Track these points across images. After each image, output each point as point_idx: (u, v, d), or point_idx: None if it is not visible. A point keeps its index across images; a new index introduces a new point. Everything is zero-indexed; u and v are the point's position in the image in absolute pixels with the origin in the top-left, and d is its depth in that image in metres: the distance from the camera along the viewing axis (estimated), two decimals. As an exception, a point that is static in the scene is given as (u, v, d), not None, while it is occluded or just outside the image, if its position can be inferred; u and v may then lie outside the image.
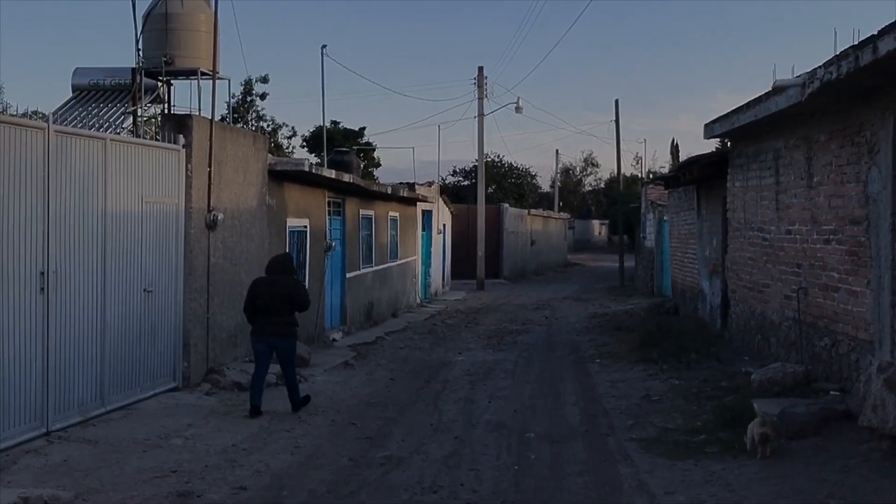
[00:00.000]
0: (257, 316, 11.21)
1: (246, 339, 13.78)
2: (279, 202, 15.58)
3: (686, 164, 16.54)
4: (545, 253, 55.20)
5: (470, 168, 59.84)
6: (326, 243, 18.22)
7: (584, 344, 18.80)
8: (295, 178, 16.14)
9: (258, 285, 11.37)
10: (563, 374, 14.64)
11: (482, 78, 39.77)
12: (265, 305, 11.11)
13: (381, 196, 22.84)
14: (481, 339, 20.14)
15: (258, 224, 14.56)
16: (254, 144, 14.36)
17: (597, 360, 16.14)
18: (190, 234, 12.33)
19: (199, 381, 12.50)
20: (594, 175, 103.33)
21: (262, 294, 11.16)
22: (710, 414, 10.51)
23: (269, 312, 11.12)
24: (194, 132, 12.36)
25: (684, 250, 22.23)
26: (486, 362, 16.19)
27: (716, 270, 18.20)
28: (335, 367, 15.10)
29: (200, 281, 12.60)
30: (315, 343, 17.40)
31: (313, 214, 17.46)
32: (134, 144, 11.36)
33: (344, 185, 18.75)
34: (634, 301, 29.34)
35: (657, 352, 15.50)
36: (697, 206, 19.96)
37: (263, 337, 11.16)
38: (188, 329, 12.32)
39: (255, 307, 11.20)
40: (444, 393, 12.99)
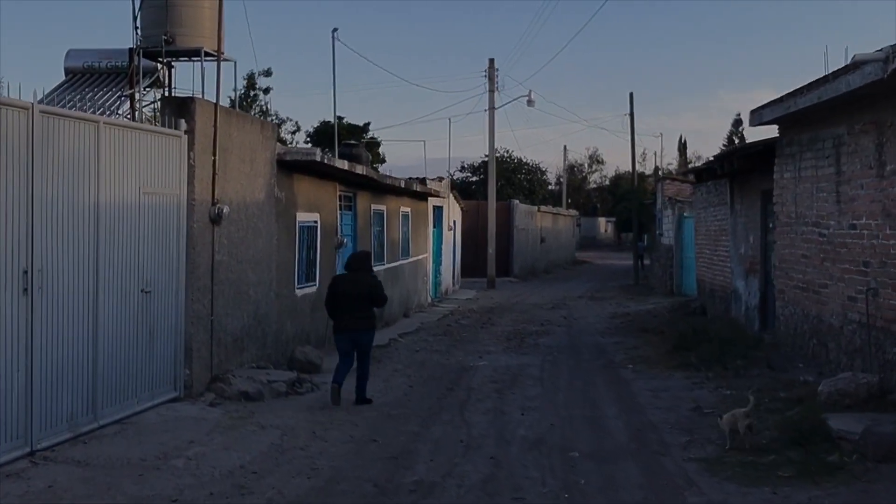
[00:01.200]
0: (338, 312, 11.65)
1: (252, 344, 12.72)
2: (288, 195, 14.47)
3: (724, 154, 15.42)
4: (554, 251, 54.11)
5: (479, 164, 58.72)
6: (338, 240, 17.12)
7: (610, 347, 17.67)
8: (305, 170, 15.03)
9: (340, 283, 11.85)
10: (595, 381, 13.51)
11: (493, 70, 38.65)
12: (348, 302, 11.53)
13: (394, 190, 21.72)
14: (500, 341, 19.02)
15: (266, 218, 13.45)
16: (261, 132, 13.23)
17: (629, 365, 15.01)
18: (192, 228, 11.21)
19: (202, 390, 11.39)
20: (599, 172, 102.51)
21: (345, 291, 11.60)
22: (774, 430, 9.38)
23: (352, 309, 11.53)
24: (197, 117, 11.24)
25: (714, 248, 21.09)
26: (509, 367, 15.06)
27: (753, 269, 17.08)
28: (349, 373, 13.95)
29: (204, 280, 11.49)
30: (326, 346, 16.27)
31: (324, 209, 16.35)
32: (130, 129, 10.24)
33: (356, 178, 17.64)
34: (654, 300, 28.22)
35: (695, 356, 14.40)
36: (731, 200, 18.82)
37: (346, 333, 11.60)
38: (190, 333, 11.21)
39: (337, 304, 11.63)
40: (470, 402, 11.86)
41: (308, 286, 15.53)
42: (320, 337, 16.10)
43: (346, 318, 11.57)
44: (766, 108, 12.94)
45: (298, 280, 15.01)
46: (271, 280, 13.67)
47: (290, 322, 14.62)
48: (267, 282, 13.51)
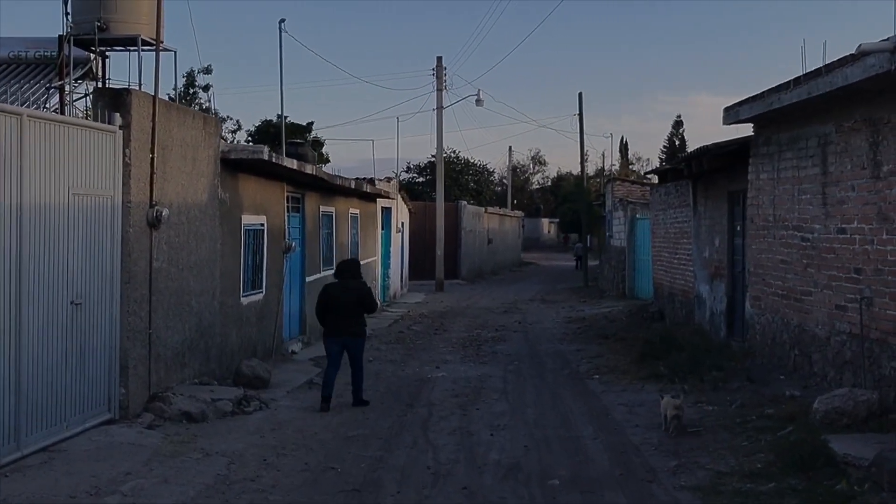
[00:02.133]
0: (330, 318, 11.81)
1: (194, 359, 11.74)
2: (233, 197, 13.45)
3: (694, 154, 14.73)
4: (501, 252, 53.50)
5: (425, 164, 57.91)
6: (286, 244, 16.12)
7: (572, 355, 16.90)
8: (251, 169, 14.02)
9: (331, 289, 11.95)
10: (563, 395, 12.71)
11: (441, 69, 37.85)
12: (340, 308, 11.74)
13: (343, 191, 20.75)
14: (456, 348, 18.17)
15: (209, 222, 12.43)
16: (204, 128, 12.21)
17: (595, 375, 14.25)
18: (128, 233, 10.18)
19: (139, 410, 10.35)
20: (542, 173, 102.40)
21: (337, 298, 11.78)
22: (769, 452, 8.64)
23: (344, 315, 11.73)
24: (133, 110, 10.21)
25: (673, 250, 20.47)
26: (470, 379, 14.21)
27: (718, 273, 16.44)
28: (299, 388, 13.02)
29: (141, 290, 10.45)
30: (273, 357, 15.29)
31: (271, 211, 15.35)
32: (58, 123, 9.18)
33: (305, 179, 16.66)
34: (607, 304, 27.60)
35: (665, 366, 13.66)
36: (694, 202, 18.19)
37: (338, 338, 11.76)
38: (126, 348, 10.17)
39: (328, 310, 11.81)
40: (433, 421, 10.98)
41: (254, 294, 14.52)
42: (267, 349, 15.10)
43: (339, 324, 11.78)
44: (743, 105, 12.25)
45: (244, 287, 14.00)
46: (215, 288, 12.66)
47: (236, 333, 13.61)
48: (210, 290, 12.49)
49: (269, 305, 15.21)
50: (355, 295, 11.85)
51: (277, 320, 15.63)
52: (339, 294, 11.84)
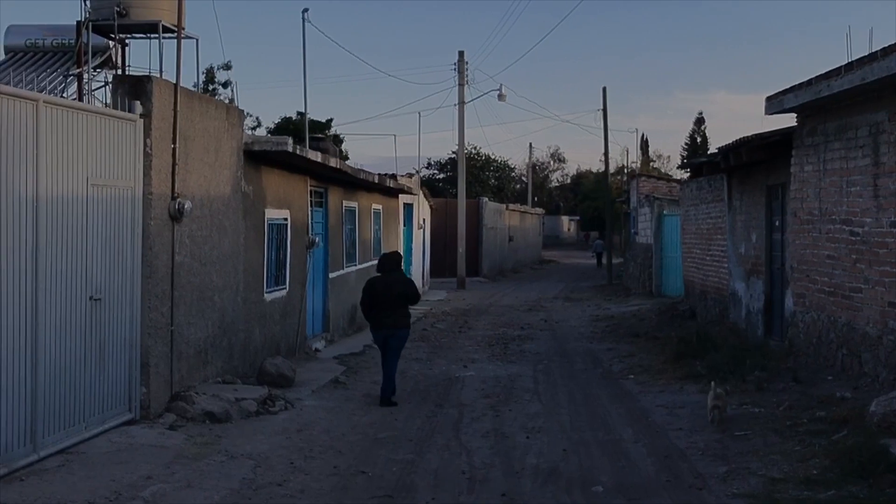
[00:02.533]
0: (375, 312, 11.95)
1: (217, 356, 11.36)
2: (256, 190, 13.05)
3: (733, 146, 14.20)
4: (522, 250, 52.98)
5: (446, 160, 57.51)
6: (309, 239, 15.72)
7: (603, 354, 16.44)
8: (274, 162, 13.62)
9: (376, 283, 12.05)
10: (599, 396, 12.24)
11: (463, 63, 37.35)
12: (384, 301, 11.85)
13: (366, 186, 20.33)
14: (482, 347, 17.73)
15: (232, 215, 12.04)
16: (227, 118, 11.80)
17: (630, 375, 13.77)
18: (149, 226, 9.78)
19: (160, 410, 9.96)
20: (561, 170, 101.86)
21: (381, 291, 11.91)
22: (824, 457, 8.15)
23: (388, 307, 11.85)
24: (155, 98, 9.81)
25: (706, 247, 19.94)
26: (500, 378, 13.77)
27: (755, 270, 15.92)
28: (325, 387, 12.60)
29: (162, 285, 10.06)
30: (297, 354, 14.90)
31: (294, 205, 14.94)
32: (76, 110, 8.78)
33: (328, 172, 16.26)
34: (635, 302, 27.06)
35: (703, 366, 13.17)
36: (728, 197, 17.66)
37: (384, 330, 11.93)
38: (147, 346, 9.78)
39: (373, 303, 11.94)
40: (465, 422, 10.54)
41: (278, 290, 14.12)
42: (291, 346, 14.70)
43: (383, 317, 11.91)
44: (788, 94, 11.73)
45: (267, 283, 13.60)
46: (238, 284, 12.27)
47: (259, 330, 13.21)
48: (233, 286, 12.10)
49: (292, 302, 14.81)
50: (399, 288, 11.98)
51: (301, 317, 15.23)
52: (383, 287, 11.96)
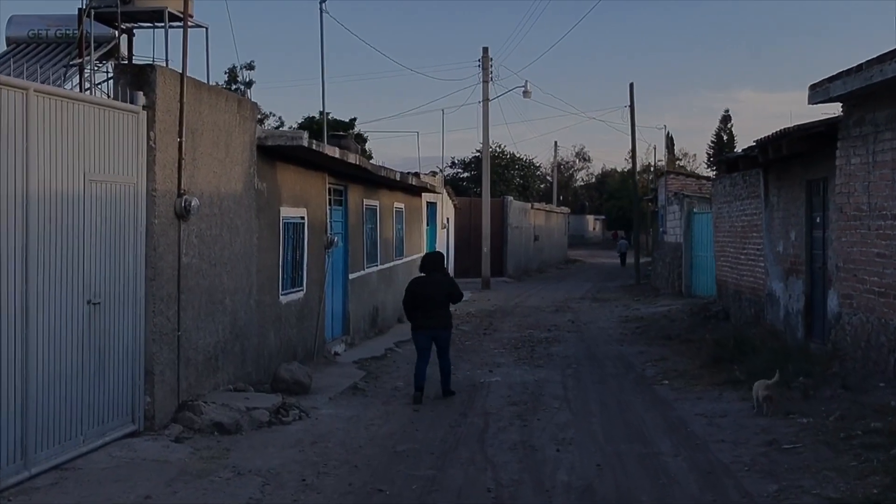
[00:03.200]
0: (417, 312, 12.04)
1: (228, 362, 10.75)
2: (271, 187, 12.45)
3: (771, 138, 13.44)
4: (547, 249, 52.25)
5: (470, 159, 56.86)
6: (328, 238, 15.10)
7: (635, 357, 15.72)
8: (290, 158, 13.01)
9: (419, 283, 12.15)
10: (632, 403, 11.54)
11: (487, 60, 36.68)
12: (428, 302, 11.95)
13: (387, 184, 19.71)
14: (508, 350, 17.05)
15: (245, 213, 11.43)
16: (238, 111, 11.19)
17: (664, 381, 13.05)
18: (153, 224, 9.18)
19: (166, 421, 9.35)
20: (586, 170, 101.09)
21: (425, 291, 12.00)
22: (884, 475, 7.42)
23: (433, 307, 11.95)
24: (159, 89, 9.21)
25: (740, 245, 19.16)
26: (526, 384, 13.09)
27: (795, 269, 15.16)
28: (342, 394, 11.96)
29: (168, 287, 9.45)
30: (315, 359, 14.28)
31: (312, 203, 14.33)
32: (72, 100, 8.19)
33: (347, 169, 15.64)
34: (664, 303, 26.29)
35: (742, 371, 12.45)
36: (765, 192, 16.89)
37: (427, 331, 12.00)
38: (151, 352, 9.18)
39: (416, 304, 12.01)
40: (490, 433, 9.87)
41: (294, 292, 13.50)
42: (309, 350, 14.09)
43: (427, 318, 11.99)
44: (835, 81, 10.97)
45: (283, 285, 12.99)
46: (251, 286, 11.66)
47: (274, 334, 12.60)
48: (246, 288, 11.49)
49: (309, 304, 14.20)
50: (443, 288, 12.12)
51: (319, 320, 14.61)
52: (427, 288, 12.05)
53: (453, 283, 12.42)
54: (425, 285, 12.07)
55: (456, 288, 12.31)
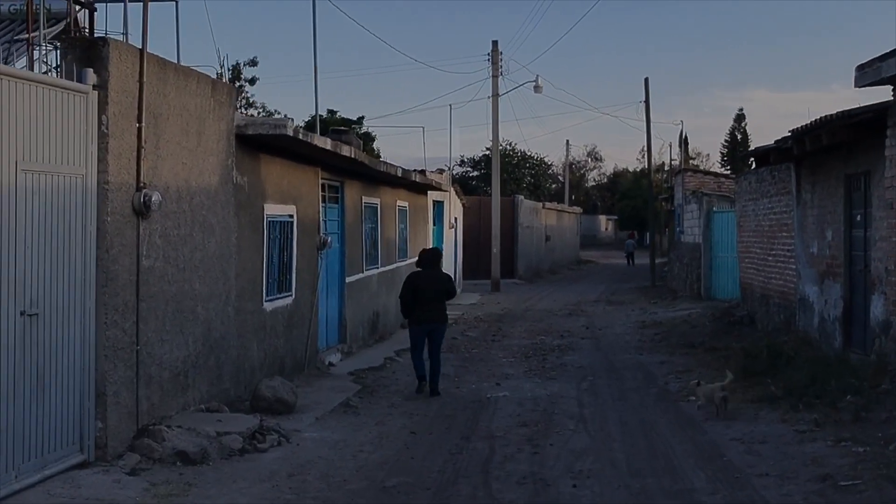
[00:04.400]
0: (416, 308, 12.25)
1: (201, 379, 9.51)
2: (253, 181, 11.20)
3: (810, 128, 12.09)
4: (559, 250, 50.92)
5: (480, 157, 55.59)
6: (320, 238, 13.85)
7: (656, 368, 14.42)
8: (276, 150, 11.77)
9: (417, 278, 12.41)
10: (657, 424, 10.24)
11: (497, 54, 35.40)
12: (426, 296, 12.21)
13: (389, 180, 18.46)
14: (518, 358, 15.79)
15: (221, 210, 10.18)
16: (213, 95, 9.95)
17: (691, 397, 11.72)
18: (106, 223, 7.94)
19: (121, 449, 8.10)
20: (598, 169, 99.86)
21: (423, 286, 12.25)
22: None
23: (430, 301, 12.22)
24: (113, 66, 7.97)
25: (767, 246, 17.83)
26: (538, 400, 11.82)
27: (831, 272, 13.84)
28: (331, 413, 10.70)
29: (124, 295, 8.21)
30: (306, 371, 13.04)
31: (302, 200, 13.08)
32: (2, 77, 6.95)
33: (343, 163, 14.39)
34: (683, 306, 24.93)
35: (778, 387, 11.16)
36: (796, 189, 15.58)
37: (424, 325, 12.26)
38: (104, 370, 7.93)
39: (415, 299, 12.22)
40: (496, 462, 8.59)
41: (281, 297, 12.25)
42: (298, 362, 12.84)
43: (425, 312, 12.23)
44: (888, 59, 9.66)
45: (268, 290, 11.73)
46: (229, 291, 10.41)
47: (257, 345, 11.36)
48: (223, 294, 10.24)
49: (299, 310, 12.95)
50: (440, 284, 12.42)
51: (311, 328, 13.36)
52: (425, 283, 12.29)
53: (449, 279, 12.85)
54: (424, 280, 12.32)
55: (452, 284, 12.80)
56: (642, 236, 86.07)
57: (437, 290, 12.29)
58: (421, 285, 12.26)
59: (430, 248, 13.84)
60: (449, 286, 12.58)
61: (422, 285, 12.25)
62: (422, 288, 12.23)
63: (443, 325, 12.43)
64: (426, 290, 12.22)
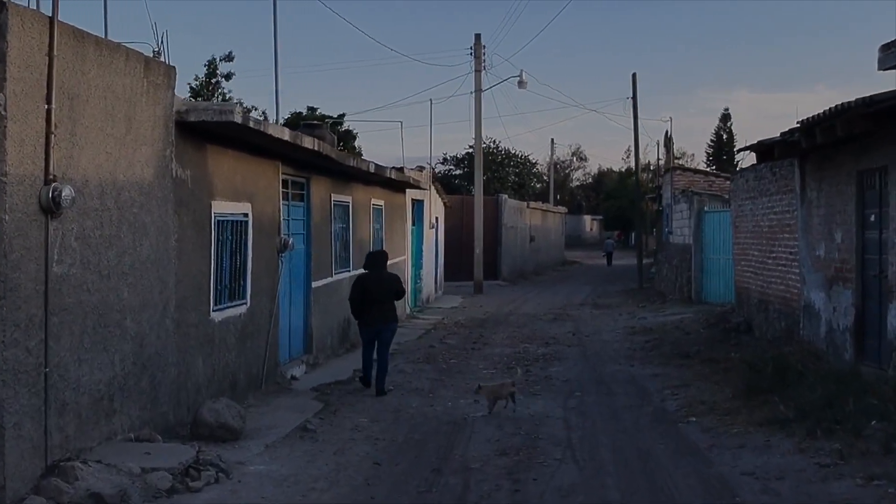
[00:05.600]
0: (365, 309, 12.38)
1: (130, 403, 8.23)
2: (198, 176, 9.90)
3: (823, 117, 10.85)
4: (544, 250, 49.73)
5: (462, 155, 54.32)
6: (281, 239, 12.57)
7: (649, 382, 13.19)
8: (227, 140, 10.48)
9: (366, 280, 12.53)
10: (655, 452, 8.98)
11: (480, 48, 34.16)
12: (376, 297, 12.35)
13: (362, 177, 17.19)
14: (499, 370, 14.55)
15: (157, 208, 8.89)
16: (146, 75, 8.65)
17: (691, 417, 10.51)
18: (3, 222, 6.63)
19: (24, 491, 6.80)
20: (582, 169, 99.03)
21: (373, 287, 12.39)
22: None
23: (380, 302, 12.37)
24: (13, 36, 6.67)
25: (767, 248, 16.63)
26: (520, 422, 10.56)
27: (841, 277, 12.65)
28: (285, 440, 9.40)
29: (29, 308, 6.90)
30: (263, 386, 11.77)
31: (260, 197, 11.79)
32: None
33: (308, 157, 13.11)
34: (674, 311, 23.69)
35: (789, 406, 9.95)
36: (801, 186, 14.39)
37: (374, 326, 12.40)
38: (2, 399, 6.62)
39: (364, 300, 12.35)
40: (471, 501, 7.34)
41: (233, 305, 10.96)
42: (255, 377, 11.57)
43: (374, 313, 12.38)
44: (921, 36, 8.48)
45: (217, 298, 10.43)
46: (167, 300, 9.11)
47: (203, 361, 10.05)
48: (159, 304, 8.94)
49: (256, 320, 11.67)
50: (388, 285, 12.57)
51: (270, 338, 12.08)
52: (374, 285, 12.43)
53: (399, 280, 12.93)
54: (372, 282, 12.45)
55: (401, 285, 12.89)
56: (627, 236, 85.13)
57: (386, 290, 12.46)
58: (369, 287, 12.39)
59: (376, 250, 13.98)
60: (397, 287, 12.69)
61: (370, 287, 12.39)
62: (370, 289, 12.37)
63: (392, 324, 12.61)
64: (374, 291, 12.37)
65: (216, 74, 38.92)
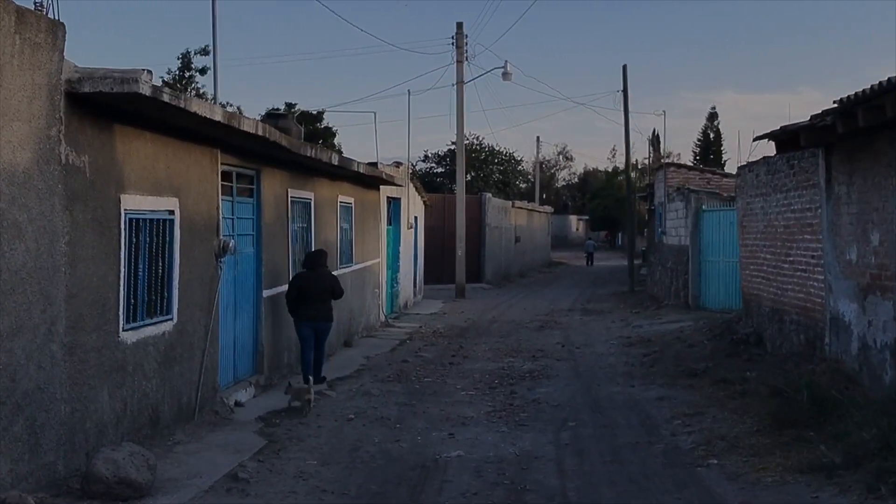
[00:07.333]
0: (303, 306, 12.59)
1: (-11, 458, 6.17)
2: (101, 163, 7.94)
3: (867, 97, 8.98)
4: (529, 251, 47.86)
5: (444, 153, 52.36)
6: (220, 242, 10.62)
7: (655, 408, 11.30)
8: (143, 121, 8.52)
9: (304, 278, 12.75)
10: (673, 512, 7.10)
11: (462, 37, 32.26)
12: (313, 295, 12.64)
13: (327, 171, 15.25)
14: (479, 392, 12.67)
15: (37, 203, 6.93)
16: (17, 31, 6.69)
17: (711, 459, 8.60)
18: None
19: None
20: (568, 169, 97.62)
21: (310, 286, 12.66)
22: None
23: (317, 301, 12.67)
24: None
25: (782, 250, 14.74)
26: (503, 461, 8.66)
27: (878, 285, 10.79)
28: (206, 495, 7.45)
29: None
30: (197, 417, 9.84)
31: (190, 191, 9.83)
32: None
33: (256, 146, 11.17)
34: (671, 318, 21.81)
35: (833, 447, 8.08)
36: (826, 181, 12.52)
37: (311, 323, 12.66)
38: None
39: (301, 299, 12.57)
40: None
41: (154, 323, 8.99)
42: (184, 407, 9.61)
43: (309, 309, 12.59)
44: None
45: (128, 315, 8.46)
46: (53, 321, 7.16)
47: (110, 393, 8.09)
48: (40, 326, 6.99)
49: (186, 338, 9.71)
50: (326, 283, 12.83)
51: (206, 360, 10.13)
52: (311, 283, 12.65)
53: (335, 279, 13.22)
54: (309, 280, 12.66)
55: (338, 284, 13.19)
56: (615, 237, 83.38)
57: (323, 289, 12.71)
58: (306, 285, 12.60)
59: (315, 250, 13.90)
60: (335, 285, 12.98)
61: (307, 285, 12.60)
62: (307, 288, 12.57)
63: (328, 323, 12.90)
64: (311, 289, 12.58)
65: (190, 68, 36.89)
